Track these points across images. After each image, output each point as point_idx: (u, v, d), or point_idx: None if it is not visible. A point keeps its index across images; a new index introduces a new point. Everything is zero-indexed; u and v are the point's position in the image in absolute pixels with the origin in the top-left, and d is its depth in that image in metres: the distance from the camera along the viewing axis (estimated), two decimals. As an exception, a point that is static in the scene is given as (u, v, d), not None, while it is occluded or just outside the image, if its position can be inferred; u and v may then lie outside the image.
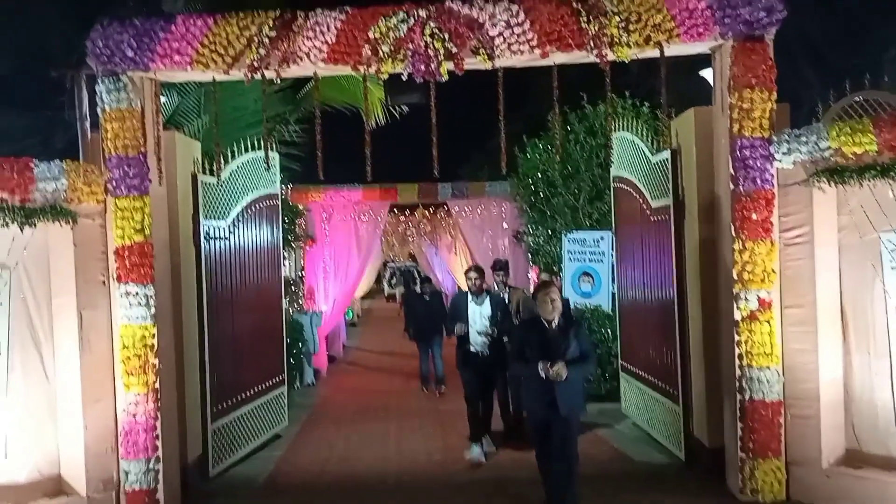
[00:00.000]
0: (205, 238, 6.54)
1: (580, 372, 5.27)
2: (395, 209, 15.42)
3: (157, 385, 5.62)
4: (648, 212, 7.01)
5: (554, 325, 5.26)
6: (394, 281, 32.00)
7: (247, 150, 7.27)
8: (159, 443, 5.64)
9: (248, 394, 7.32)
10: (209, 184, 6.65)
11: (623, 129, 7.62)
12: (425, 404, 9.97)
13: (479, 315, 7.10)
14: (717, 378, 5.90)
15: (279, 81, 5.84)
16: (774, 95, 5.43)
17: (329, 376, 13.08)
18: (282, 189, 9.94)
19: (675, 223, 6.36)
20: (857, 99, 6.06)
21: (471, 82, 6.29)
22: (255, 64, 5.64)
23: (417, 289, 12.84)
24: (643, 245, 7.26)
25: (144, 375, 5.57)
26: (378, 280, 33.25)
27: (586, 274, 9.71)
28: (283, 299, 8.37)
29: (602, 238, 9.44)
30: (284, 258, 11.18)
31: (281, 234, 8.21)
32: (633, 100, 9.17)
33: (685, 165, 6.25)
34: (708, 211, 5.94)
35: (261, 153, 7.57)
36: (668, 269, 6.53)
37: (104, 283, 5.62)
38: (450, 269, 21.02)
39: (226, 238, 6.96)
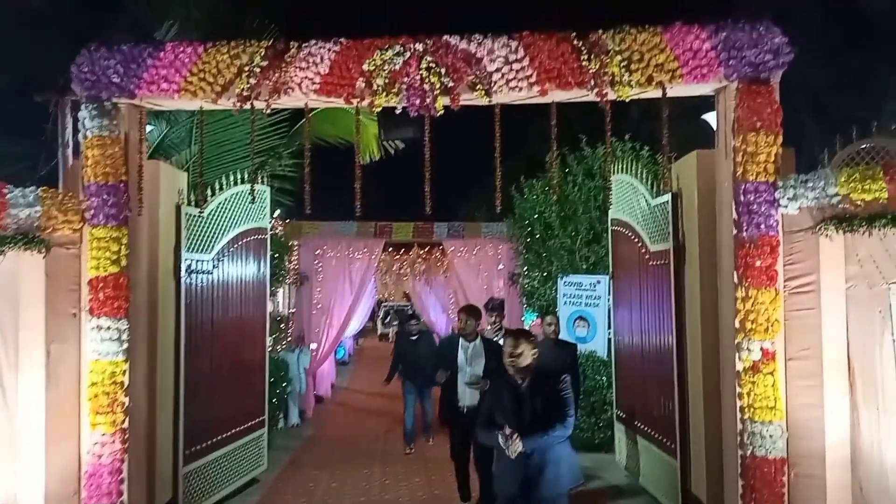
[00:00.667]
0: (186, 271, 6.30)
1: (543, 442, 4.33)
2: (389, 247, 15.22)
3: (125, 425, 5.32)
4: (647, 256, 6.79)
5: (524, 384, 4.54)
6: (387, 320, 31.64)
7: (236, 183, 7.08)
8: (125, 487, 5.31)
9: (224, 435, 6.99)
10: (194, 215, 6.43)
11: (622, 172, 7.45)
12: (413, 449, 9.60)
13: (469, 362, 6.38)
14: (717, 432, 5.60)
15: (268, 112, 5.66)
16: (780, 139, 5.25)
17: (315, 417, 12.70)
18: (273, 224, 9.75)
19: (675, 268, 6.14)
20: (863, 146, 5.91)
21: (468, 119, 6.14)
22: (245, 93, 5.47)
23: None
24: (641, 290, 7.03)
25: (112, 414, 5.27)
26: (372, 318, 33.09)
27: (582, 318, 9.46)
28: (268, 337, 8.09)
29: (598, 282, 9.21)
30: (274, 294, 10.93)
31: (268, 270, 7.97)
32: (632, 143, 9.04)
33: (686, 209, 6.05)
34: (709, 256, 5.72)
35: (250, 186, 7.40)
36: (666, 316, 6.28)
37: (75, 315, 5.36)
38: (444, 309, 20.78)
39: (209, 272, 6.72)
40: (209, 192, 6.73)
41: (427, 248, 15.51)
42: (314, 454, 9.47)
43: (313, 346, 13.37)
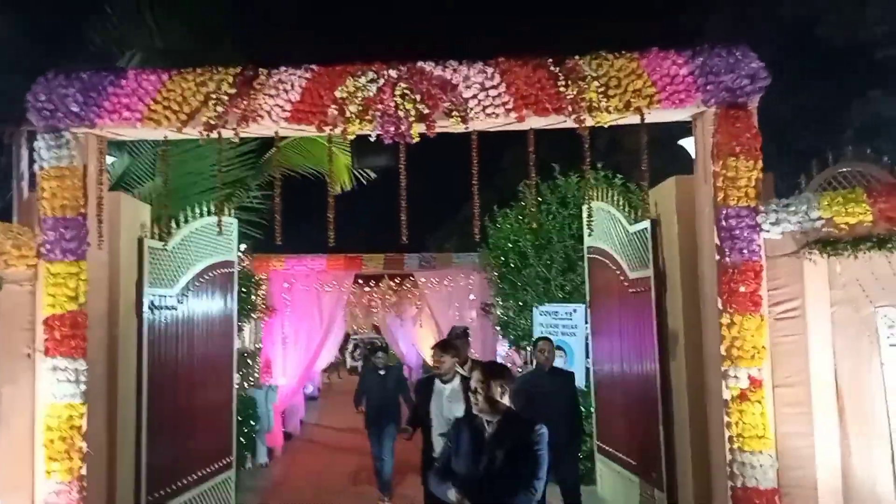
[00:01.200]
0: (149, 308, 6.00)
1: None
2: (359, 279, 14.95)
3: (83, 472, 4.97)
4: (626, 283, 6.68)
5: (489, 428, 3.82)
6: (356, 353, 31.18)
7: (202, 215, 6.82)
8: (83, 540, 4.95)
9: (189, 479, 6.62)
10: (157, 249, 6.15)
11: (598, 200, 7.37)
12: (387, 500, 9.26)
13: (444, 409, 5.54)
14: (705, 462, 5.45)
15: (237, 141, 5.45)
16: (760, 164, 5.21)
17: (284, 455, 12.28)
18: (241, 257, 9.46)
19: (657, 295, 6.03)
20: (841, 170, 5.90)
21: (437, 150, 6.01)
22: (213, 122, 5.26)
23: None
24: (621, 318, 6.91)
25: (69, 461, 4.93)
26: (341, 352, 32.62)
27: (558, 348, 9.28)
28: (235, 373, 7.76)
29: (575, 311, 9.08)
30: (241, 329, 10.59)
31: (235, 305, 7.68)
32: (605, 172, 9.00)
33: (666, 236, 5.97)
34: (691, 283, 5.62)
35: (216, 219, 7.15)
36: (648, 344, 6.16)
37: (29, 356, 5.03)
38: (414, 342, 20.48)
39: (173, 308, 6.41)
40: (174, 224, 6.47)
41: (398, 280, 15.26)
42: (284, 496, 9.10)
43: (282, 381, 12.98)
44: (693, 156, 5.90)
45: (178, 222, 6.55)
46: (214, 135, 5.30)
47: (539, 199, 9.28)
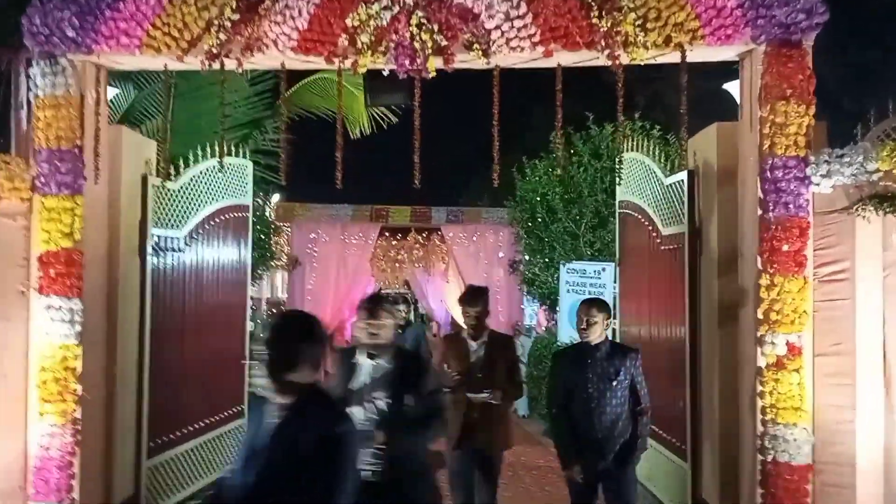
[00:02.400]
0: (154, 249, 5.75)
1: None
2: (386, 232, 14.65)
3: (77, 415, 4.79)
4: (658, 240, 6.23)
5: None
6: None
7: (213, 155, 6.52)
8: (76, 482, 4.79)
9: (196, 426, 6.46)
10: (163, 188, 5.88)
11: (632, 151, 6.87)
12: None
13: (365, 393, 3.73)
14: (734, 434, 5.05)
15: (240, 71, 5.10)
16: (813, 109, 4.68)
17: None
18: (264, 205, 9.21)
19: (690, 253, 5.57)
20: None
21: (472, 103, 5.55)
22: (215, 50, 4.89)
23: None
24: (651, 277, 6.47)
25: (63, 403, 4.74)
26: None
27: (585, 308, 8.89)
28: (249, 322, 7.55)
29: (604, 269, 8.65)
30: (260, 277, 10.40)
31: (250, 250, 7.42)
32: (642, 122, 8.44)
33: (704, 188, 5.48)
34: (730, 240, 5.15)
35: (230, 159, 6.86)
36: (679, 305, 5.73)
37: (24, 293, 4.83)
38: (442, 298, 20.20)
39: (180, 250, 6.17)
40: (182, 163, 6.18)
41: (426, 234, 14.90)
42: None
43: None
44: (738, 101, 5.38)
45: (186, 161, 6.27)
46: (217, 65, 4.94)
47: (570, 150, 8.79)
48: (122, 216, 5.40)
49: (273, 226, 9.99)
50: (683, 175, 5.68)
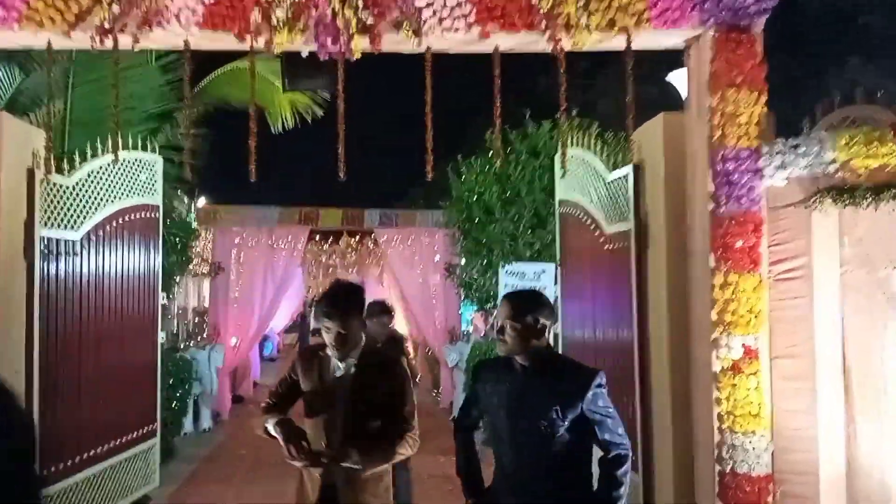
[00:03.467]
0: (43, 252, 5.07)
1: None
2: (316, 236, 14.01)
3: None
4: (602, 239, 5.89)
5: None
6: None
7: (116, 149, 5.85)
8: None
9: (99, 450, 5.79)
10: (55, 184, 5.21)
11: (572, 146, 6.52)
12: (335, 460, 8.52)
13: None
14: (688, 443, 4.73)
15: (134, 49, 4.49)
16: (764, 97, 4.42)
17: (231, 419, 11.51)
18: (186, 207, 8.51)
19: (637, 251, 5.24)
20: (846, 115, 5.13)
21: (407, 95, 5.13)
22: (107, 25, 4.29)
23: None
24: (595, 278, 6.13)
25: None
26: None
27: (525, 312, 8.53)
28: (161, 333, 6.87)
29: (544, 271, 8.28)
30: (176, 285, 9.66)
31: (160, 255, 6.76)
32: (580, 118, 8.15)
33: (650, 183, 5.16)
34: (678, 237, 4.84)
35: (137, 154, 6.21)
36: (626, 307, 5.39)
37: None
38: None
39: (76, 254, 5.49)
40: (79, 158, 5.51)
41: (358, 237, 14.34)
42: (221, 465, 8.31)
43: (233, 340, 12.10)
44: (683, 93, 5.09)
45: (85, 156, 5.60)
46: (109, 42, 4.32)
47: (508, 148, 8.43)
48: (2, 214, 4.71)
49: (193, 230, 9.26)
50: (628, 170, 5.35)
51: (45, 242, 5.09)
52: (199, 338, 11.72)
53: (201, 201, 13.02)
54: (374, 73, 4.58)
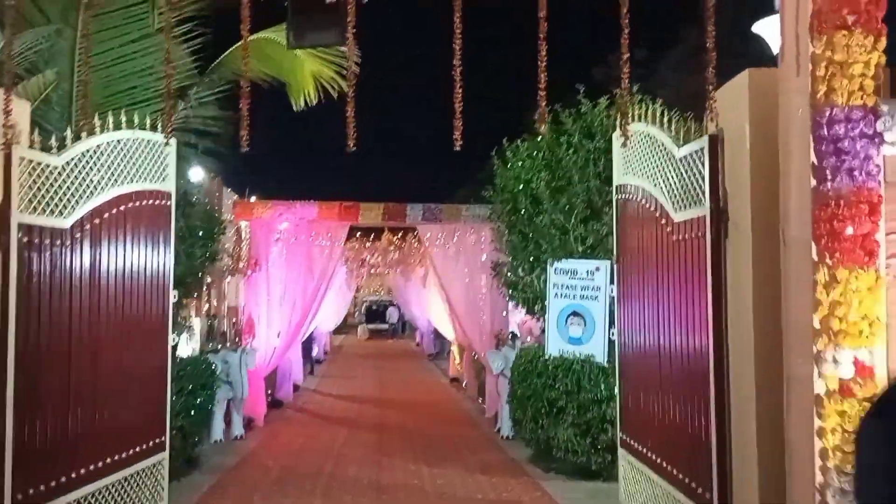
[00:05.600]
0: (23, 241, 4.45)
1: None
2: (357, 233, 13.35)
3: None
4: (669, 228, 4.98)
5: None
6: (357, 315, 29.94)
7: (119, 127, 5.27)
8: None
9: (95, 467, 5.16)
10: (39, 164, 4.59)
11: (633, 122, 5.62)
12: (366, 473, 7.79)
13: None
14: (779, 484, 3.79)
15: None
16: (883, 42, 3.47)
17: (266, 426, 10.90)
18: (194, 192, 7.91)
19: (714, 242, 4.32)
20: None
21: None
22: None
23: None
24: (660, 274, 5.21)
25: None
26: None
27: (576, 314, 7.64)
28: (172, 335, 6.23)
29: (597, 269, 7.41)
30: (208, 283, 9.09)
31: (171, 248, 6.12)
32: (641, 94, 7.20)
33: (732, 157, 4.24)
34: (768, 223, 3.91)
35: (142, 134, 5.60)
36: (698, 309, 4.49)
37: None
38: (424, 305, 18.89)
39: (66, 245, 4.87)
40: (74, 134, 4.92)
41: (401, 234, 13.61)
42: (246, 477, 7.66)
43: (273, 341, 11.51)
44: (774, 47, 4.15)
45: (76, 132, 5.00)
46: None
47: (559, 127, 7.52)
48: (-30, 195, 4.11)
49: (220, 222, 8.65)
50: (703, 142, 4.43)
51: (26, 230, 4.48)
52: (231, 339, 11.17)
53: (231, 195, 12.47)
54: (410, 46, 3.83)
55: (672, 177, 4.91)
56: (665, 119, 5.14)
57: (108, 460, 5.32)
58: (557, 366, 7.30)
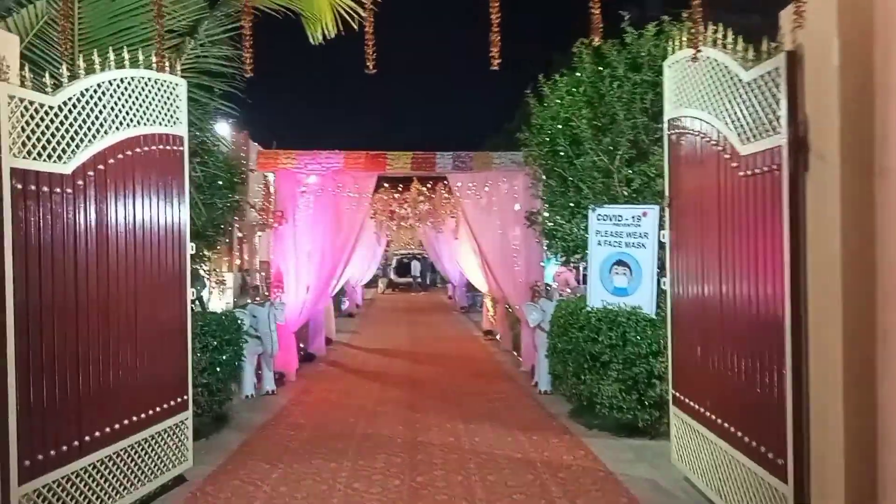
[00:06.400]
0: (17, 187, 4.07)
1: None
2: (385, 183, 12.87)
3: None
4: (735, 163, 4.41)
5: None
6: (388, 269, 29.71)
7: (122, 65, 4.84)
8: None
9: (112, 429, 4.87)
10: (31, 103, 4.17)
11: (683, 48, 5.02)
12: (400, 431, 7.47)
13: None
14: (870, 452, 3.30)
15: None
16: None
17: (298, 380, 10.67)
18: (211, 138, 7.48)
19: (791, 176, 3.76)
20: None
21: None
22: None
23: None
24: (723, 216, 4.66)
25: None
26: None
27: (621, 263, 7.13)
28: (190, 290, 5.88)
29: (645, 214, 6.86)
30: (229, 234, 8.74)
31: (186, 197, 5.73)
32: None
33: (814, 76, 3.64)
34: (862, 152, 3.34)
35: (148, 73, 5.17)
36: (771, 255, 3.95)
37: None
38: (456, 258, 18.45)
39: (67, 192, 4.48)
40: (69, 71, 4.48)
41: (430, 184, 13.10)
42: (275, 436, 7.39)
43: (303, 295, 11.22)
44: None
45: (72, 71, 4.57)
46: None
47: (600, 59, 6.88)
48: (-48, 139, 3.71)
49: (239, 170, 8.23)
50: (778, 61, 3.83)
51: (20, 176, 4.09)
52: (259, 293, 10.88)
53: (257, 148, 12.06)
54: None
55: (738, 104, 4.31)
56: (727, 41, 4.52)
57: (126, 422, 5.03)
58: (601, 318, 6.82)
